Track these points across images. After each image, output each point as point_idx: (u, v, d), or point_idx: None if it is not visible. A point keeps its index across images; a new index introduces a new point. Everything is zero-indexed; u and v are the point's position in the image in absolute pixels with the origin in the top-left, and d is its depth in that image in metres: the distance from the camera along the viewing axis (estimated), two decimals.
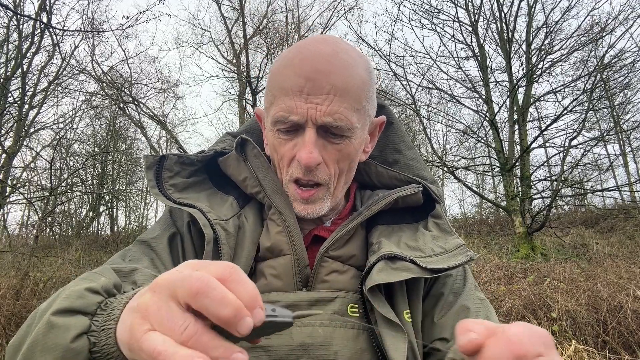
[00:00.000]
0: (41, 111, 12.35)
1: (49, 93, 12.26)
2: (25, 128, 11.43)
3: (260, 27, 15.02)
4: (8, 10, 10.23)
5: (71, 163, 16.46)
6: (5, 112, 10.43)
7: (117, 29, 9.85)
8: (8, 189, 10.09)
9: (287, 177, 0.77)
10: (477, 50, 12.45)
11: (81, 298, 0.49)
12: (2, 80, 10.43)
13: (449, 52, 13.01)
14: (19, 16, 10.66)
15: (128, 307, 0.44)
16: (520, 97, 11.99)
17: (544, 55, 11.71)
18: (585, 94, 10.53)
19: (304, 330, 0.70)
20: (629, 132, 14.50)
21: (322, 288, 0.76)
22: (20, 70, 11.29)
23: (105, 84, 12.57)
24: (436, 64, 12.60)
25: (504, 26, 12.02)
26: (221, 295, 0.36)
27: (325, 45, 0.73)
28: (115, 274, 0.57)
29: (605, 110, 13.85)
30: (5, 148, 10.17)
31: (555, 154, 14.10)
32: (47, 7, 10.44)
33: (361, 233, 0.84)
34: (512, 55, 12.06)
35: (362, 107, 0.74)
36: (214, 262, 0.41)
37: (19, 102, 11.01)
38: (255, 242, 0.80)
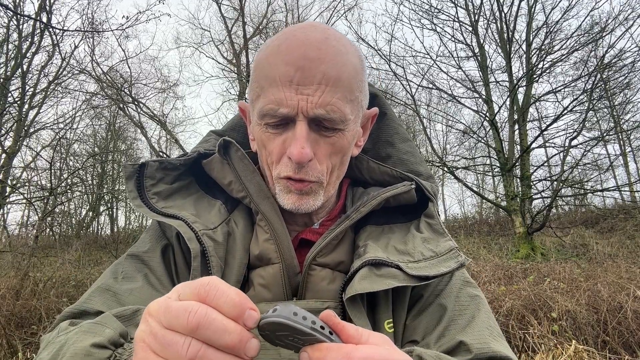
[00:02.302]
0: (41, 111, 12.36)
1: (49, 93, 12.26)
2: (25, 128, 11.43)
3: (260, 27, 15.03)
4: (8, 10, 10.23)
5: (71, 163, 16.49)
6: (5, 112, 10.43)
7: (117, 29, 9.85)
8: (8, 189, 10.09)
9: (277, 174, 0.71)
10: (477, 50, 12.45)
11: (89, 356, 0.48)
12: (2, 80, 10.43)
13: (449, 52, 13.03)
14: (19, 16, 10.66)
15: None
16: (520, 97, 12.00)
17: (544, 55, 11.72)
18: (585, 94, 10.54)
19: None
20: (629, 132, 14.53)
21: (312, 297, 0.71)
22: (20, 70, 11.29)
23: (105, 84, 12.56)
24: (436, 64, 12.61)
25: (504, 26, 12.02)
26: (222, 325, 0.37)
27: (315, 31, 0.67)
28: (118, 321, 0.56)
29: (605, 110, 13.86)
30: (5, 148, 10.17)
31: (555, 154, 14.12)
32: (47, 7, 10.44)
33: (350, 236, 0.78)
34: (512, 55, 12.06)
35: (355, 97, 0.68)
36: (189, 284, 0.41)
37: (19, 102, 11.01)
38: (246, 248, 0.75)
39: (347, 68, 0.67)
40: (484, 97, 12.21)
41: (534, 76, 11.71)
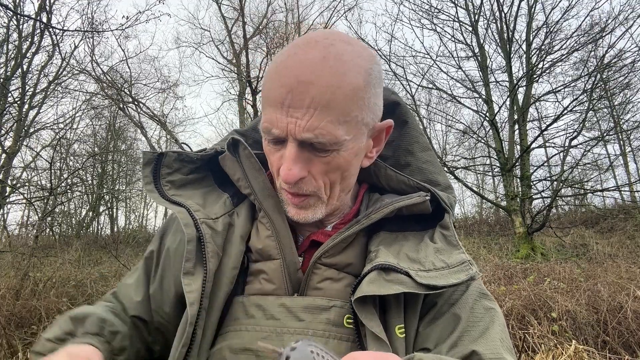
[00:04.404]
0: (41, 111, 12.37)
1: (49, 93, 12.26)
2: (25, 128, 11.43)
3: (260, 27, 15.02)
4: (8, 10, 10.23)
5: (71, 163, 16.45)
6: (5, 112, 10.43)
7: (116, 29, 9.83)
8: (8, 189, 10.09)
9: (278, 185, 0.76)
10: (477, 50, 12.45)
11: (42, 346, 0.72)
12: (2, 80, 10.43)
13: (449, 52, 13.03)
14: (19, 16, 10.66)
15: None
16: (520, 97, 12.00)
17: (544, 55, 11.71)
18: (585, 94, 10.54)
19: (296, 338, 0.68)
20: (629, 132, 14.50)
21: (314, 295, 0.73)
22: (20, 70, 11.28)
23: (105, 84, 12.55)
24: (436, 64, 12.61)
25: (504, 26, 12.02)
26: None
27: (315, 49, 0.66)
28: (70, 323, 0.75)
29: (605, 110, 13.86)
30: (5, 148, 10.17)
31: (555, 154, 14.12)
32: (47, 7, 10.43)
33: (362, 240, 0.79)
34: (512, 55, 12.06)
35: (351, 117, 0.67)
36: None
37: (19, 102, 11.01)
38: (244, 237, 0.79)
39: (341, 90, 0.64)
40: (484, 97, 12.21)
41: (534, 76, 11.71)
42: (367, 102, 0.69)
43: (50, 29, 10.09)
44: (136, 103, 13.12)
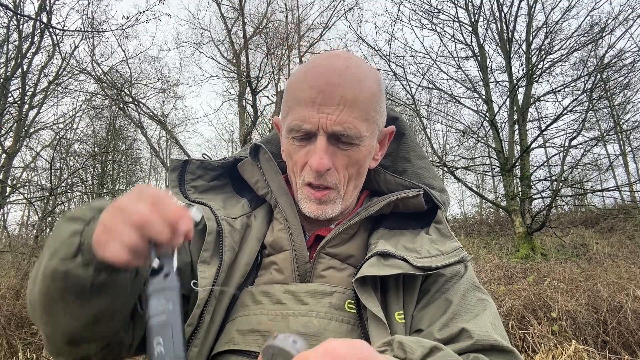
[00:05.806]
0: (41, 111, 12.36)
1: (49, 93, 12.26)
2: (25, 128, 11.43)
3: (260, 27, 15.01)
4: (8, 10, 10.23)
5: (71, 163, 16.44)
6: (5, 112, 10.43)
7: (117, 29, 9.83)
8: (8, 189, 10.09)
9: (300, 181, 0.82)
10: (477, 50, 12.45)
11: (81, 211, 0.68)
12: (2, 80, 10.43)
13: (449, 52, 13.03)
14: (19, 16, 10.66)
15: (100, 217, 0.60)
16: (520, 97, 12.00)
17: (544, 55, 11.72)
18: (585, 94, 10.54)
19: (300, 320, 0.74)
20: (629, 132, 14.50)
21: (318, 282, 0.80)
22: (20, 70, 11.29)
23: (105, 84, 12.55)
24: (436, 64, 12.62)
25: (504, 26, 12.03)
26: (159, 226, 0.54)
27: (338, 60, 0.78)
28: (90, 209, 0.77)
29: (605, 110, 13.85)
30: (5, 148, 10.18)
31: (555, 154, 14.10)
32: (47, 7, 10.44)
33: (363, 235, 0.87)
34: (512, 55, 12.07)
35: (370, 117, 0.78)
36: (148, 190, 0.58)
37: (19, 102, 11.01)
38: (260, 238, 0.87)
39: (363, 92, 0.77)
40: (484, 97, 12.22)
41: (534, 76, 11.71)
42: (380, 107, 0.82)
43: (50, 29, 10.10)
44: (136, 103, 13.12)
